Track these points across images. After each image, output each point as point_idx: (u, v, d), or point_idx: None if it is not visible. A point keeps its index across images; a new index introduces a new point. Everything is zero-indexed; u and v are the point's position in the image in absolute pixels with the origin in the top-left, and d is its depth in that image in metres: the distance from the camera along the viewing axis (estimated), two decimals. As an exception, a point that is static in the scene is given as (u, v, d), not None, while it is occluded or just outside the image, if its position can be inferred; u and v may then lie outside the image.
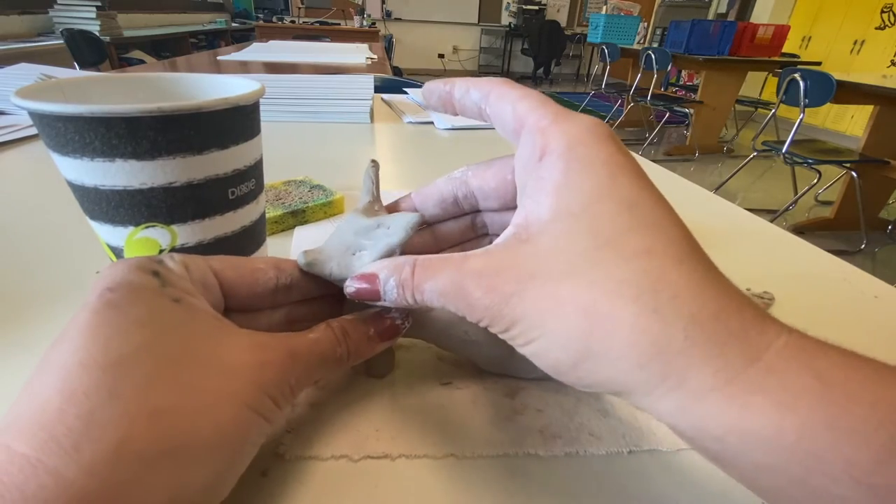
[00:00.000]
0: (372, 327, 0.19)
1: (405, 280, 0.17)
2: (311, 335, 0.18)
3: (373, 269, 0.18)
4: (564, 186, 0.15)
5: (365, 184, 0.22)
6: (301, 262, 0.20)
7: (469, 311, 0.16)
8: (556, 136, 0.16)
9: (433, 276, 0.16)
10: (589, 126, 0.16)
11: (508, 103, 0.17)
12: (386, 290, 0.18)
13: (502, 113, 0.18)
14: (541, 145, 0.16)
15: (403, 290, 0.17)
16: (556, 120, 0.16)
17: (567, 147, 0.15)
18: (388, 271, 0.18)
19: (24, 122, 0.62)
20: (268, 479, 0.18)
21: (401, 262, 0.17)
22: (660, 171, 0.59)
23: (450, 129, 0.74)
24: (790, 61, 3.15)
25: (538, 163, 0.16)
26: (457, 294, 0.16)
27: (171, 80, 0.26)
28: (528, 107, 0.17)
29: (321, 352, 0.18)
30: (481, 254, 0.16)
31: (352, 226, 0.20)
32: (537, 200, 0.15)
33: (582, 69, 7.15)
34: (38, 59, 0.95)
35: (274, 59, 1.45)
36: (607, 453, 0.20)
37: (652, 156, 3.26)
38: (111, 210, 0.20)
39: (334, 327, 0.19)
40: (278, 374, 0.16)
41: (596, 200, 0.14)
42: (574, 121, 0.16)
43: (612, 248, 0.14)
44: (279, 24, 4.17)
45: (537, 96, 0.17)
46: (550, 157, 0.15)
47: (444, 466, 0.19)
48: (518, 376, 0.23)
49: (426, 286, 0.16)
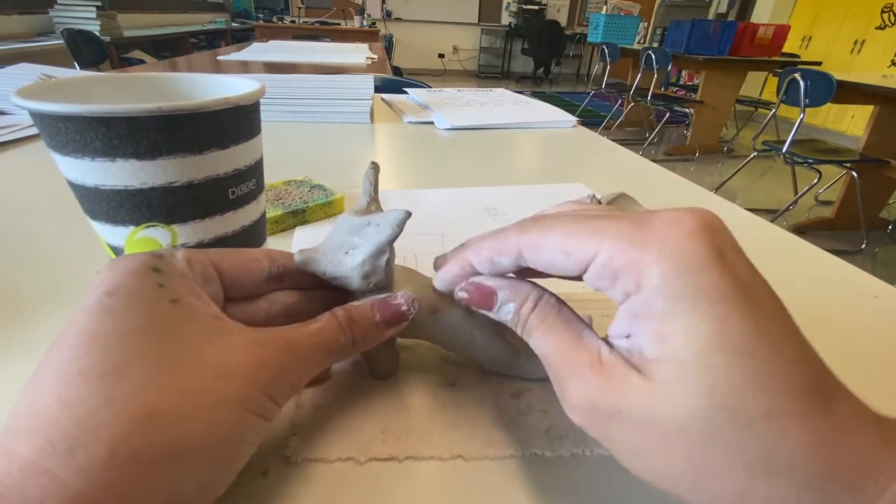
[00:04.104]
0: (378, 313, 0.19)
1: (524, 314, 0.17)
2: (313, 325, 0.18)
3: (493, 285, 0.18)
4: (670, 329, 0.14)
5: (364, 185, 0.22)
6: (297, 260, 0.20)
7: (560, 397, 0.16)
8: (647, 266, 0.14)
9: (545, 334, 0.17)
10: (680, 242, 0.14)
11: (553, 252, 0.16)
12: (502, 309, 0.18)
13: (554, 263, 0.16)
14: (630, 283, 0.14)
15: (518, 319, 0.18)
16: (638, 244, 0.14)
17: (662, 281, 0.14)
18: (510, 294, 0.18)
19: (25, 122, 0.62)
20: (274, 483, 0.18)
21: (525, 292, 0.18)
22: (660, 171, 0.59)
23: (450, 129, 0.74)
24: (790, 61, 3.15)
25: (634, 296, 0.14)
26: (555, 374, 0.16)
27: (171, 80, 0.26)
28: (584, 242, 0.15)
29: (323, 342, 0.18)
30: (593, 352, 0.15)
31: (345, 225, 0.20)
32: (641, 332, 0.14)
33: (582, 69, 7.16)
34: (38, 59, 0.95)
35: (274, 59, 1.45)
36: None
37: (652, 156, 3.26)
38: (112, 210, 0.20)
39: (339, 315, 0.19)
40: (276, 372, 0.16)
41: (707, 351, 0.13)
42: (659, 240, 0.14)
43: (728, 413, 0.13)
44: (279, 24, 4.17)
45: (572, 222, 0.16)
46: (645, 294, 0.14)
47: (451, 468, 0.19)
48: (522, 377, 0.23)
49: (536, 337, 0.17)
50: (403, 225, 0.19)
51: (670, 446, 0.13)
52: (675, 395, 0.13)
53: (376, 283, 0.20)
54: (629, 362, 0.15)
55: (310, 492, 0.18)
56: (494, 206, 0.45)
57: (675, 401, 0.13)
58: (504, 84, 6.00)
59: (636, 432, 0.14)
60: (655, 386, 0.14)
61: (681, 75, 4.69)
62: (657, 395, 0.14)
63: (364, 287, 0.20)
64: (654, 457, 0.14)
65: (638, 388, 0.14)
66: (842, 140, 3.35)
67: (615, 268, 0.15)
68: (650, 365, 0.14)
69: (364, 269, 0.19)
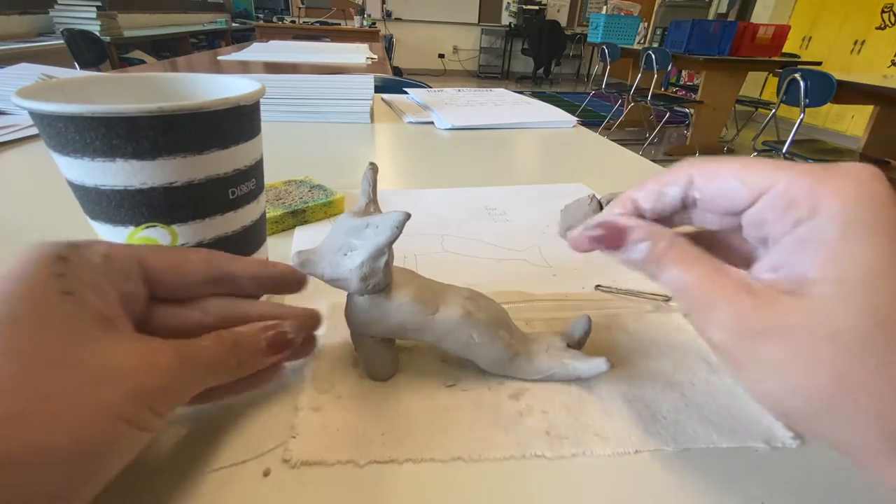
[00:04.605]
0: (264, 340, 0.19)
1: (659, 249, 0.17)
2: (202, 342, 0.17)
3: (625, 223, 0.18)
4: (842, 252, 0.14)
5: (363, 186, 0.22)
6: (295, 262, 0.20)
7: (704, 321, 0.16)
8: (829, 196, 0.15)
9: (686, 265, 0.17)
10: (864, 181, 0.15)
11: (727, 179, 0.17)
12: (632, 248, 0.18)
13: (725, 192, 0.17)
14: (805, 209, 0.15)
15: (653, 256, 0.17)
16: (821, 179, 0.15)
17: (842, 208, 0.15)
18: (644, 233, 0.18)
19: (25, 122, 0.62)
20: (273, 487, 0.18)
21: (659, 232, 0.18)
22: (660, 171, 0.59)
23: (450, 129, 0.74)
24: (790, 61, 3.15)
25: (806, 223, 0.15)
26: (700, 299, 0.16)
27: (171, 80, 0.26)
28: (762, 173, 0.16)
29: (211, 359, 0.17)
30: (739, 278, 0.16)
31: (344, 226, 0.20)
32: (803, 259, 0.15)
33: (582, 69, 7.15)
34: (38, 59, 0.95)
35: (274, 59, 1.45)
36: (614, 453, 0.20)
37: (652, 156, 3.26)
38: (112, 210, 0.20)
39: (225, 337, 0.18)
40: (163, 380, 0.15)
41: (877, 274, 0.14)
42: (843, 176, 0.15)
43: (886, 330, 0.14)
44: (279, 24, 4.17)
45: (751, 160, 0.17)
46: (821, 219, 0.15)
47: (452, 470, 0.19)
48: (522, 378, 0.23)
49: (674, 269, 0.17)
50: (402, 226, 0.19)
51: (817, 360, 0.14)
52: (834, 310, 0.14)
53: (375, 284, 0.20)
54: (776, 288, 0.15)
55: (310, 495, 0.18)
56: (494, 206, 0.45)
57: (833, 315, 0.14)
58: (504, 84, 6.00)
59: (783, 346, 0.14)
60: (812, 302, 0.14)
61: (681, 75, 4.69)
62: (814, 310, 0.14)
63: (363, 289, 0.20)
64: (795, 371, 0.14)
65: (793, 305, 0.15)
66: (842, 140, 3.35)
67: (793, 196, 0.15)
68: (809, 286, 0.15)
69: (363, 270, 0.19)
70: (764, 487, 0.19)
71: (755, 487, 0.18)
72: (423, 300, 0.21)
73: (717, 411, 0.22)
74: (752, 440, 0.20)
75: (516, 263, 0.35)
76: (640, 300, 0.30)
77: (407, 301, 0.21)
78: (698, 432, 0.21)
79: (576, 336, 0.25)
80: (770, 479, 0.19)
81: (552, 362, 0.23)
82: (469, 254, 0.36)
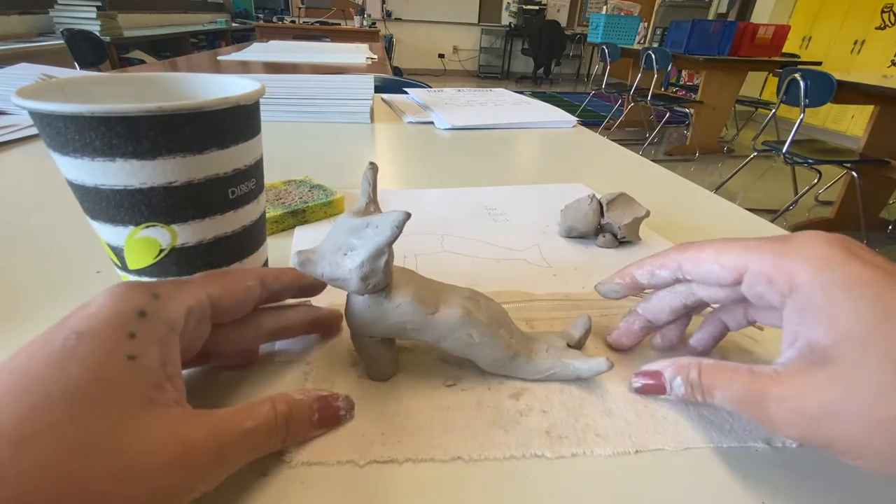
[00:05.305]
0: (317, 412, 0.19)
1: (693, 381, 0.19)
2: (247, 424, 0.17)
3: (657, 368, 0.21)
4: (833, 314, 0.16)
5: (362, 186, 0.22)
6: (295, 262, 0.20)
7: (770, 424, 0.17)
8: (796, 270, 0.17)
9: (724, 385, 0.18)
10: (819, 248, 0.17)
11: (709, 264, 0.20)
12: (673, 387, 0.20)
13: (709, 274, 0.20)
14: (784, 284, 0.17)
15: (692, 389, 0.19)
16: (782, 253, 0.17)
17: (811, 278, 0.16)
18: (674, 370, 0.20)
19: (25, 122, 0.62)
20: (273, 487, 0.18)
21: (685, 364, 0.20)
22: (660, 171, 0.59)
23: (450, 129, 0.74)
24: (790, 61, 3.15)
25: (789, 297, 0.17)
26: (755, 408, 0.17)
27: (171, 80, 0.26)
28: (734, 256, 0.19)
29: (254, 444, 0.17)
30: (774, 375, 0.17)
31: (344, 226, 0.20)
32: (808, 328, 0.16)
33: (582, 69, 7.15)
34: (38, 59, 0.95)
35: (274, 59, 1.45)
36: (614, 453, 0.20)
37: (652, 156, 3.26)
38: (111, 209, 0.20)
39: (278, 412, 0.18)
40: (192, 482, 0.15)
41: (875, 323, 0.15)
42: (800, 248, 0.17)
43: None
44: (279, 24, 4.16)
45: (725, 242, 0.20)
46: (803, 290, 0.17)
47: (451, 469, 0.19)
48: (522, 377, 0.23)
49: (717, 392, 0.18)
50: (402, 226, 0.19)
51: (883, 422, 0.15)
52: (865, 371, 0.15)
53: (375, 284, 0.20)
54: (806, 362, 0.16)
55: (309, 495, 0.18)
56: (494, 206, 0.45)
57: (867, 375, 0.15)
58: (504, 84, 6.00)
59: (849, 424, 0.15)
60: (841, 367, 0.15)
61: (681, 75, 4.69)
62: (850, 376, 0.15)
63: (363, 289, 0.20)
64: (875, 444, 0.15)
65: (827, 377, 0.16)
66: (842, 140, 3.35)
67: (767, 275, 0.18)
68: (828, 351, 0.16)
69: (363, 270, 0.19)
70: (764, 487, 0.18)
71: (755, 487, 0.18)
72: (423, 300, 0.21)
73: (717, 411, 0.22)
74: (752, 440, 0.20)
75: (516, 263, 0.35)
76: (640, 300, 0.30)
77: (407, 301, 0.21)
78: (698, 432, 0.21)
79: (576, 336, 0.25)
80: (770, 479, 0.19)
81: (552, 362, 0.23)
82: (469, 254, 0.36)
